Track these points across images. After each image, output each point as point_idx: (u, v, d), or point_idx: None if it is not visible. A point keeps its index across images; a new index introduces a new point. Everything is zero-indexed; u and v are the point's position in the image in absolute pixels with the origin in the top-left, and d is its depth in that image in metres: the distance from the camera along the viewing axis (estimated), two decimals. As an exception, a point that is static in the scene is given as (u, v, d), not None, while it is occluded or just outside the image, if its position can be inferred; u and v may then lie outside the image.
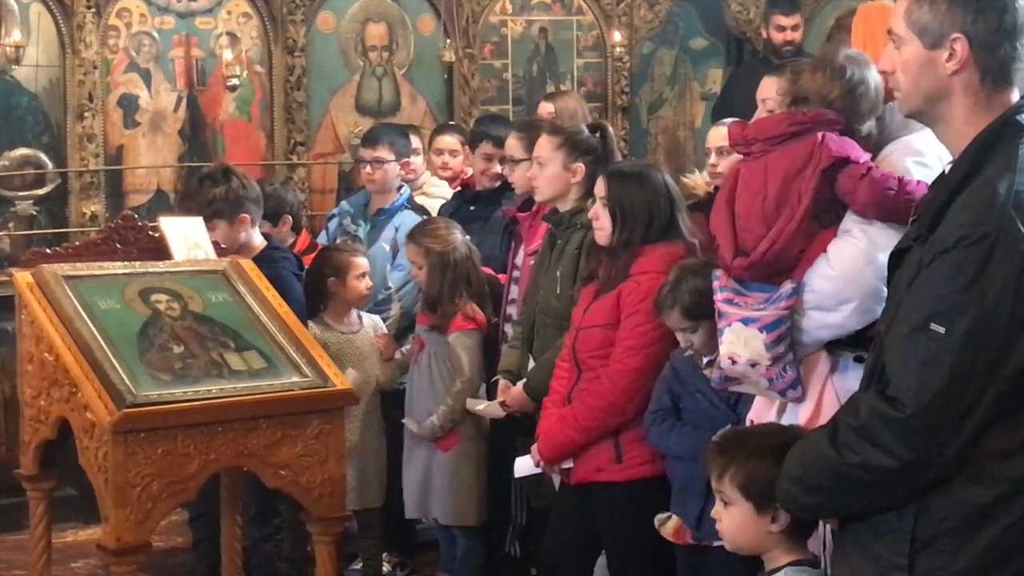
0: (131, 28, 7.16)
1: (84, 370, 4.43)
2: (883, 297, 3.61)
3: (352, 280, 5.90)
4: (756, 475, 3.27)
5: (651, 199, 4.66)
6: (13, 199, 6.90)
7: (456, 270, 5.70)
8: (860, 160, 3.80)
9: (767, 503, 3.27)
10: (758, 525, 3.31)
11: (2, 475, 6.46)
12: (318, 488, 4.62)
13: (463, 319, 5.70)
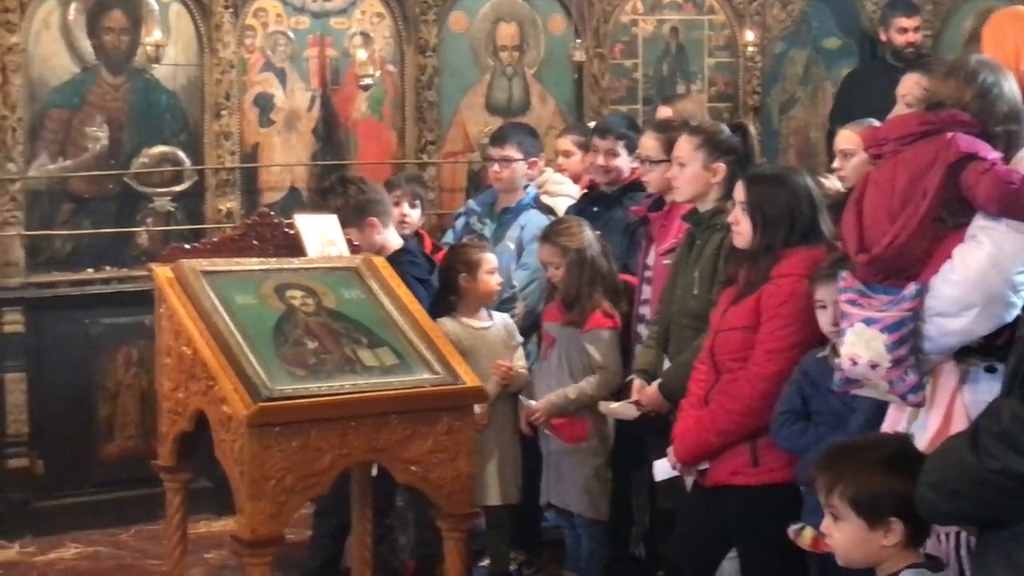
0: (267, 28, 7.25)
1: (221, 364, 4.51)
2: (1010, 302, 3.58)
3: (483, 276, 5.95)
4: (866, 489, 3.24)
5: (793, 203, 4.62)
6: (152, 196, 7.03)
7: (593, 267, 5.73)
8: (988, 157, 3.76)
9: (879, 517, 3.24)
10: (871, 540, 3.27)
11: (138, 466, 6.63)
12: (448, 484, 4.66)
13: (602, 316, 5.72)
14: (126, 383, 6.99)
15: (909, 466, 3.19)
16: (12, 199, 6.69)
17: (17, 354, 6.71)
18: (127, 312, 6.90)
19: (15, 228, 6.69)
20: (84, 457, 6.88)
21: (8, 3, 6.59)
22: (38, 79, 6.76)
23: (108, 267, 6.97)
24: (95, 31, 6.87)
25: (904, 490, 3.17)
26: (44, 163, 6.82)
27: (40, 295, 6.78)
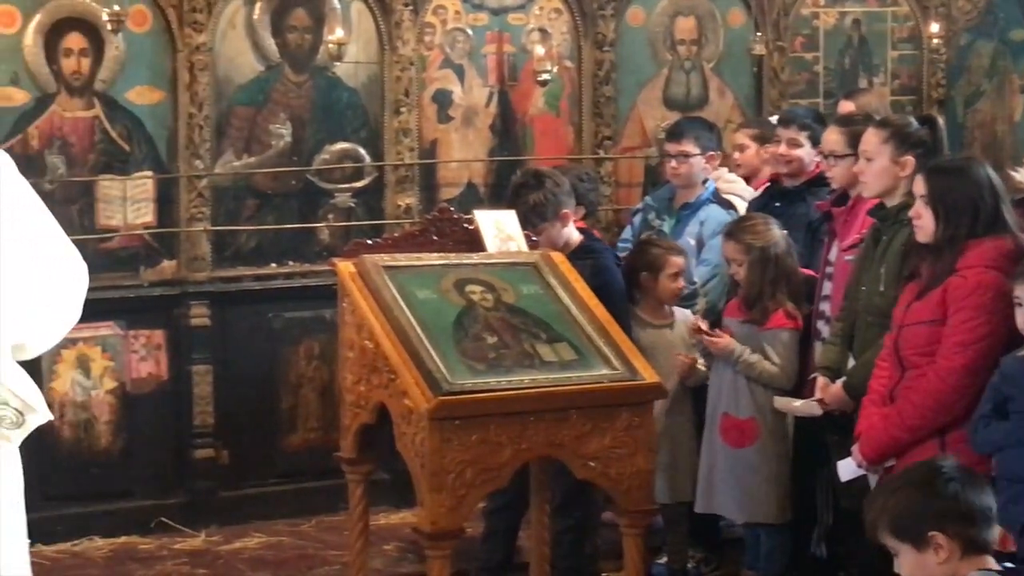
0: (446, 25, 7.31)
1: (403, 358, 4.56)
2: None
3: (665, 278, 5.92)
4: (900, 512, 3.30)
5: (975, 193, 4.53)
6: (333, 191, 7.14)
7: (777, 266, 5.66)
8: None
9: (921, 537, 3.27)
10: (925, 562, 3.29)
11: (319, 458, 6.74)
12: (627, 480, 4.65)
13: (784, 316, 5.65)
14: (308, 376, 7.11)
15: (938, 482, 3.30)
16: (199, 195, 6.84)
17: (203, 347, 6.87)
18: (309, 306, 7.03)
19: (202, 224, 6.85)
20: (267, 448, 7.01)
21: (195, 3, 6.74)
22: (224, 78, 6.91)
23: (291, 262, 7.09)
24: (279, 30, 6.99)
25: (937, 505, 3.27)
26: (229, 160, 6.97)
27: (225, 289, 6.94)
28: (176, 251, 6.86)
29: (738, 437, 5.69)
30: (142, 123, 6.79)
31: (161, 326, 6.85)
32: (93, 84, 6.69)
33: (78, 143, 6.69)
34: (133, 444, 6.77)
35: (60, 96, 6.64)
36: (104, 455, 6.74)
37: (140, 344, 6.81)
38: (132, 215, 6.79)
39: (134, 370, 6.80)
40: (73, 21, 6.62)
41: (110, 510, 6.66)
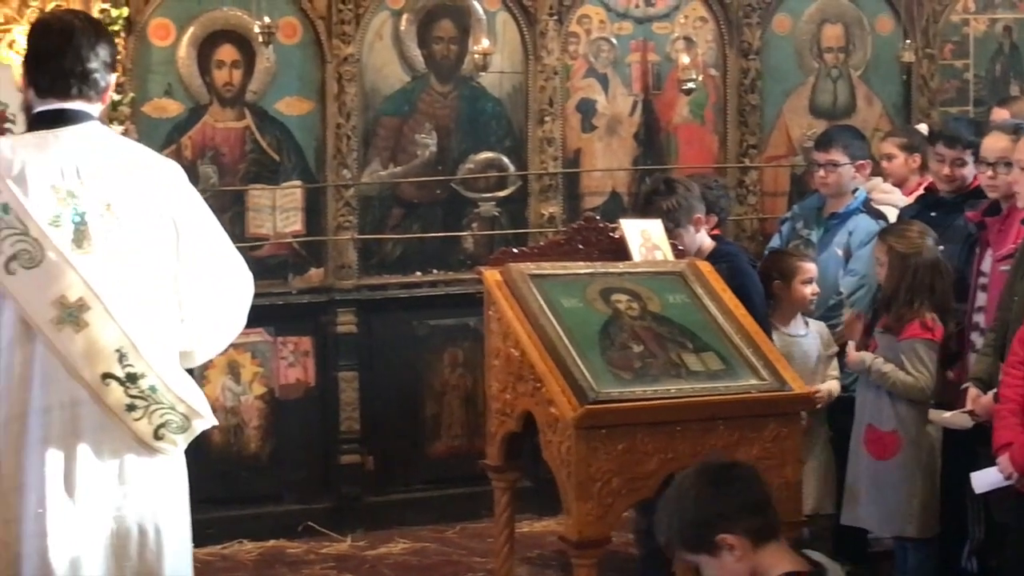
0: (590, 34, 7.32)
1: (549, 366, 4.58)
2: None
3: (797, 285, 5.89)
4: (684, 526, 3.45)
5: None
6: (477, 200, 7.19)
7: (916, 275, 5.57)
8: None
9: (712, 543, 3.40)
10: (725, 564, 3.42)
11: (463, 465, 6.78)
12: (775, 492, 4.55)
13: (920, 327, 5.57)
14: (452, 383, 7.17)
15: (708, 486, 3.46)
16: (346, 204, 6.93)
17: (350, 353, 6.96)
18: (453, 314, 7.09)
19: (349, 232, 6.94)
20: (412, 454, 7.08)
21: (344, 15, 6.84)
22: (371, 88, 7.00)
23: (435, 270, 7.15)
24: (425, 41, 7.06)
25: (715, 508, 3.43)
26: (376, 169, 7.05)
27: (372, 297, 7.02)
28: (324, 259, 6.96)
29: (881, 449, 5.62)
30: (291, 133, 6.90)
31: (309, 333, 6.96)
32: (244, 95, 6.81)
33: (229, 153, 6.82)
34: (281, 449, 6.88)
35: (212, 107, 6.78)
36: (253, 460, 6.86)
37: (288, 350, 6.92)
38: (281, 224, 6.91)
39: (282, 376, 6.91)
40: (225, 33, 6.76)
41: (259, 514, 6.77)
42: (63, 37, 3.73)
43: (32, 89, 3.77)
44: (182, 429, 3.76)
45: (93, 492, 3.70)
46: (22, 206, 3.61)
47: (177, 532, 3.86)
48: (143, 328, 3.69)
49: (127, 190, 3.74)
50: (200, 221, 3.90)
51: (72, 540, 3.67)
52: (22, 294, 3.61)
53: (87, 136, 3.75)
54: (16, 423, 3.65)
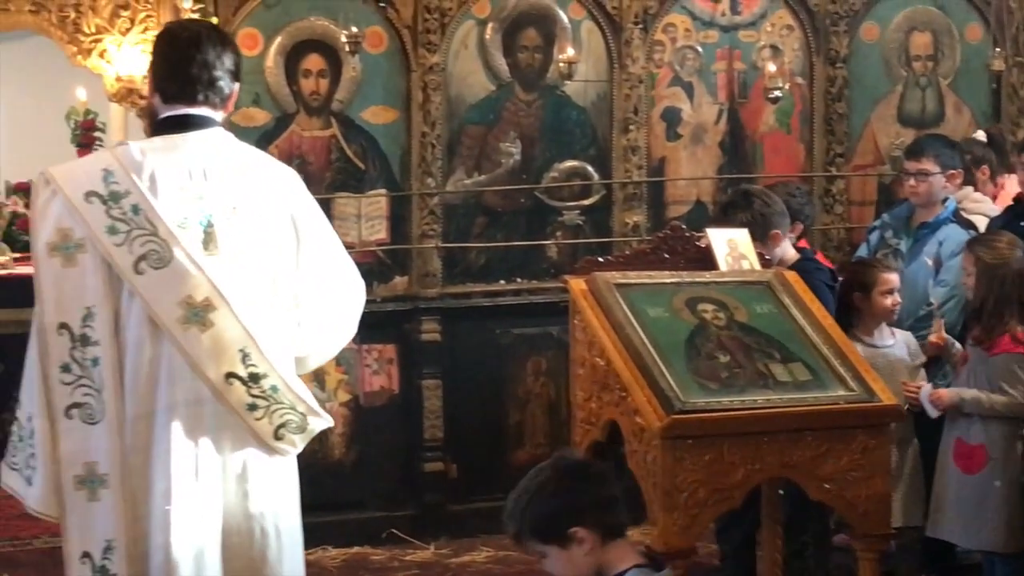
0: (676, 43, 7.29)
1: (634, 375, 4.56)
2: None
3: (877, 295, 5.85)
4: (538, 516, 3.56)
5: None
6: (561, 209, 7.18)
7: (1004, 286, 5.50)
8: None
9: (563, 534, 3.50)
10: (573, 557, 3.52)
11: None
12: (863, 504, 4.57)
13: (1011, 341, 5.49)
14: (535, 392, 7.17)
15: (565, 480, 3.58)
16: (431, 212, 6.96)
17: (434, 361, 6.98)
18: (536, 323, 7.10)
19: (433, 240, 6.96)
20: (495, 463, 7.07)
21: (429, 25, 6.87)
22: (456, 97, 7.02)
23: (519, 279, 7.16)
24: (510, 49, 7.07)
25: (571, 501, 3.54)
26: (460, 178, 7.07)
27: (455, 305, 7.04)
28: (408, 267, 6.99)
29: (968, 463, 5.56)
30: (377, 142, 6.94)
31: (393, 341, 6.99)
32: (330, 104, 6.86)
33: (316, 161, 6.86)
34: (365, 456, 6.91)
35: (299, 116, 6.83)
36: (337, 466, 6.89)
37: (373, 358, 6.95)
38: (366, 232, 6.94)
39: (367, 383, 6.94)
40: (312, 43, 6.81)
41: (343, 520, 6.79)
42: (191, 45, 3.81)
43: (158, 95, 3.85)
44: (301, 429, 3.82)
45: (216, 491, 3.75)
46: (152, 207, 3.68)
47: (294, 533, 3.93)
48: (265, 329, 3.75)
49: (251, 194, 3.80)
50: (319, 227, 3.96)
51: (196, 537, 3.73)
52: (150, 293, 3.67)
53: (213, 141, 3.82)
54: (143, 421, 3.71)
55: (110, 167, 3.74)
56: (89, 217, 3.70)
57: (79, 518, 3.77)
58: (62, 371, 3.73)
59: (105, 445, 3.73)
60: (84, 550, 3.78)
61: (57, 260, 3.74)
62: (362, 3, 6.80)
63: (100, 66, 6.54)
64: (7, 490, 3.88)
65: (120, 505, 3.73)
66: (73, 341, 3.72)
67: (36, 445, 3.77)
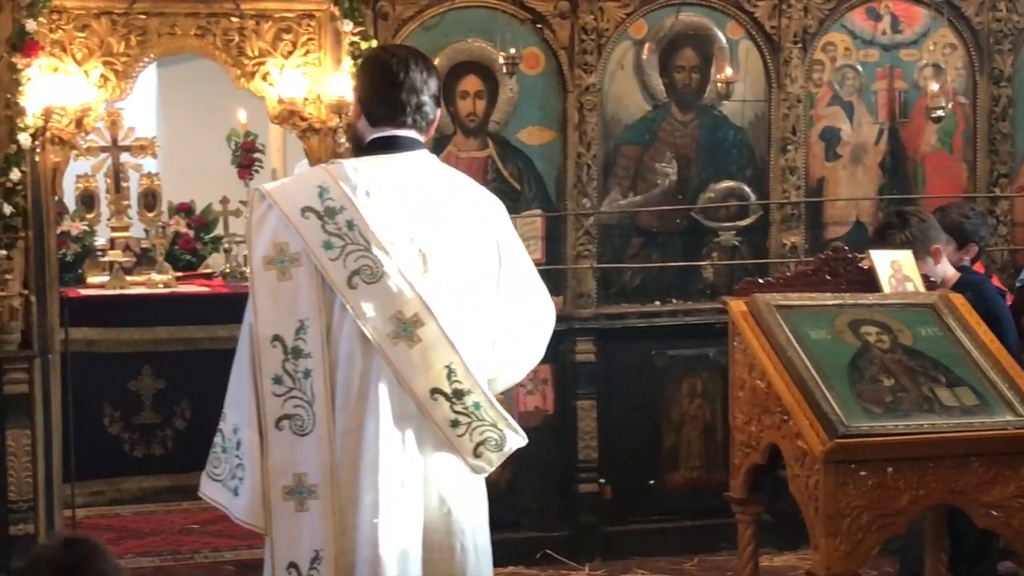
0: (835, 62, 7.21)
1: (796, 399, 4.50)
2: None
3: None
4: None
5: None
6: (717, 229, 7.14)
7: None
8: None
9: None
10: None
11: (701, 497, 6.75)
12: (1030, 532, 4.45)
13: None
14: (690, 414, 7.13)
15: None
16: (586, 233, 6.96)
17: (588, 382, 6.98)
18: (692, 344, 7.07)
19: (588, 261, 6.96)
20: (650, 485, 7.05)
21: (586, 46, 6.88)
22: (612, 117, 7.02)
23: (674, 299, 7.13)
24: (667, 69, 7.06)
25: None
26: (615, 198, 7.06)
27: (610, 326, 7.03)
28: (563, 288, 6.99)
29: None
30: (532, 163, 6.97)
31: (548, 361, 6.90)
32: (487, 125, 6.91)
33: (472, 182, 6.90)
34: (520, 476, 6.92)
35: (456, 137, 6.88)
36: (492, 486, 6.71)
37: (528, 378, 6.89)
38: (521, 252, 6.95)
39: (522, 403, 6.96)
40: (470, 64, 6.86)
41: (498, 540, 6.69)
42: (400, 70, 3.88)
43: (365, 118, 3.91)
44: (499, 447, 3.86)
45: (419, 505, 3.80)
46: (366, 224, 3.75)
47: (487, 550, 3.97)
48: (469, 347, 3.79)
49: (459, 214, 3.87)
50: (517, 250, 4.01)
51: (401, 551, 3.77)
52: (362, 308, 3.73)
53: (421, 163, 3.89)
54: (352, 434, 3.77)
55: (325, 184, 3.82)
56: (305, 232, 3.77)
57: (286, 528, 3.82)
58: (274, 383, 3.79)
59: (314, 456, 3.78)
60: (291, 560, 3.83)
61: (272, 273, 3.81)
62: (519, 24, 6.84)
63: (263, 88, 6.65)
64: (208, 500, 3.95)
65: (328, 516, 3.79)
66: (286, 353, 3.79)
67: (244, 456, 3.83)
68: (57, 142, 6.41)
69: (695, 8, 7.03)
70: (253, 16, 6.60)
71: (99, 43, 6.45)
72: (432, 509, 3.82)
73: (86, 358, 7.79)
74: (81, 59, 6.44)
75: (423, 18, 6.77)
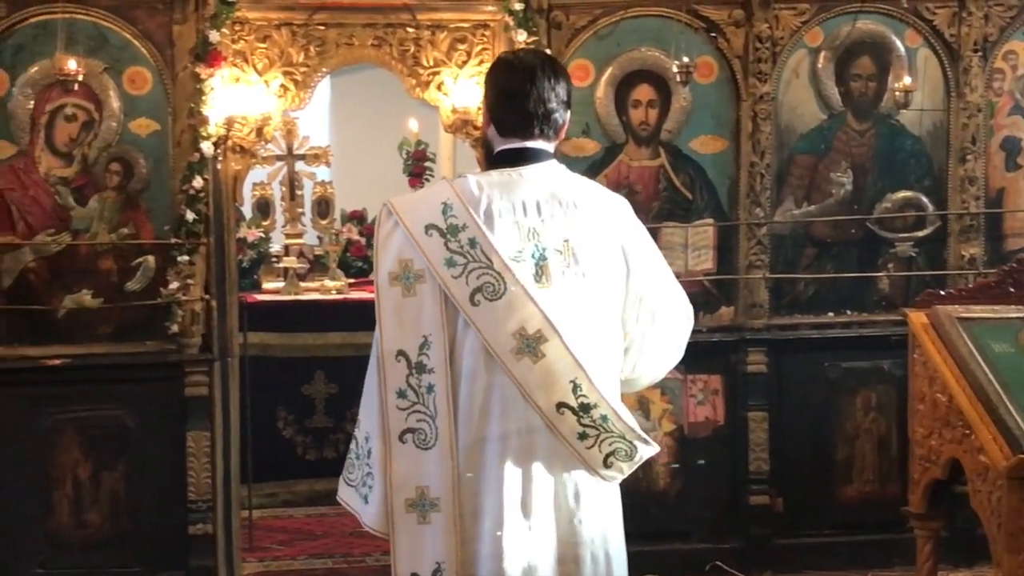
0: (1016, 71, 7.05)
1: (979, 413, 4.43)
2: None
3: None
4: None
5: None
6: (893, 240, 7.03)
7: None
8: None
9: None
10: None
11: (875, 511, 6.66)
12: None
13: None
14: (864, 427, 7.02)
15: None
16: (758, 243, 6.90)
17: (760, 393, 6.92)
18: (866, 356, 6.98)
19: (761, 271, 6.91)
20: (821, 498, 6.96)
21: (761, 54, 6.83)
22: (786, 126, 6.95)
23: (848, 311, 7.03)
24: (843, 78, 6.96)
25: None
26: (789, 208, 6.99)
27: (782, 337, 6.96)
28: (735, 298, 6.95)
29: None
30: (704, 172, 6.93)
31: (718, 371, 6.96)
32: (659, 134, 6.89)
33: (643, 191, 6.90)
34: (690, 487, 6.90)
35: (628, 146, 6.88)
36: (661, 496, 6.90)
37: (698, 388, 6.94)
38: (693, 262, 6.94)
39: (691, 414, 6.93)
40: (643, 73, 6.85)
41: (667, 551, 6.78)
42: (526, 79, 3.85)
43: (493, 127, 3.92)
44: (629, 457, 3.82)
45: (547, 518, 3.80)
46: (488, 241, 3.75)
47: (621, 558, 3.93)
48: (594, 359, 3.78)
49: (583, 226, 3.84)
50: (647, 254, 3.96)
51: (527, 564, 3.78)
52: (484, 325, 3.74)
53: (547, 174, 3.87)
54: (476, 448, 3.78)
55: (449, 200, 3.82)
56: (428, 250, 3.79)
57: (409, 539, 3.84)
58: (398, 397, 3.82)
59: (437, 470, 3.80)
60: (413, 571, 3.86)
61: (397, 290, 3.84)
62: (693, 33, 6.82)
63: (437, 98, 6.73)
64: (343, 504, 4.01)
65: (451, 529, 3.80)
66: (410, 368, 3.81)
67: (373, 465, 3.88)
68: (238, 150, 6.57)
69: (872, 16, 6.93)
70: (429, 26, 6.69)
71: (279, 53, 6.59)
72: (562, 521, 3.80)
73: (261, 362, 7.96)
74: (262, 69, 6.58)
75: (596, 27, 6.79)
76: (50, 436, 6.43)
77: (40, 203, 6.41)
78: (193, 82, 6.37)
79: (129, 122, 6.42)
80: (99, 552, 6.46)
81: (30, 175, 6.40)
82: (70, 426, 6.45)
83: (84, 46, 6.30)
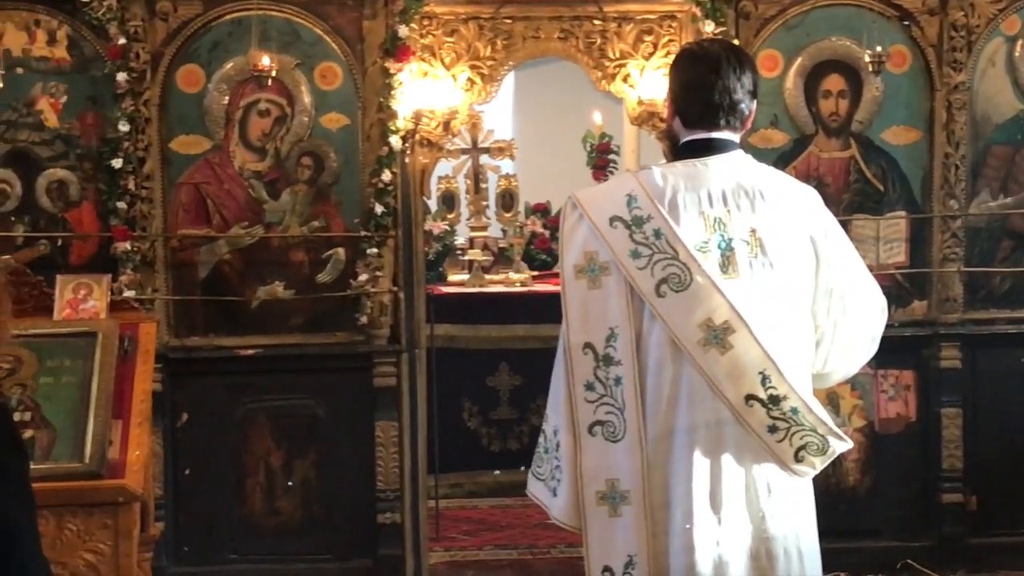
0: None
1: None
2: None
3: None
4: None
5: None
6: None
7: None
8: None
9: None
10: None
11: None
12: None
13: None
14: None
15: None
16: (953, 235, 6.75)
17: (953, 389, 6.77)
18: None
19: (955, 264, 6.75)
20: (1019, 496, 6.78)
21: (956, 43, 6.66)
22: (982, 116, 6.78)
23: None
24: (1041, 66, 6.78)
25: None
26: (984, 200, 6.82)
27: (977, 332, 6.80)
28: (928, 292, 6.81)
29: None
30: (897, 163, 6.80)
31: (911, 367, 6.82)
32: (850, 125, 6.77)
33: (833, 183, 6.79)
34: (880, 484, 6.78)
35: (817, 137, 6.78)
36: (851, 493, 6.79)
37: (889, 384, 6.81)
38: (884, 255, 6.80)
39: (883, 410, 6.81)
40: (833, 63, 6.74)
41: (856, 548, 6.64)
42: (711, 70, 3.82)
43: (678, 119, 3.89)
44: (821, 451, 3.76)
45: (738, 511, 3.76)
46: (673, 232, 3.74)
47: (814, 555, 3.88)
48: (783, 351, 3.73)
49: (770, 216, 3.80)
50: (837, 245, 3.89)
51: (717, 557, 3.75)
52: (671, 316, 3.73)
53: (733, 165, 3.83)
54: (664, 441, 3.77)
55: (633, 192, 3.81)
56: (613, 242, 3.78)
57: (600, 532, 3.84)
58: (586, 389, 3.82)
59: (627, 463, 3.78)
60: (605, 564, 3.85)
61: (583, 282, 3.83)
62: (886, 21, 6.68)
63: (623, 90, 6.71)
64: (532, 498, 4.02)
65: (642, 522, 3.79)
66: (597, 360, 3.81)
67: (561, 458, 3.88)
68: (425, 144, 6.64)
69: (1074, 1, 6.73)
70: (615, 18, 6.67)
71: (466, 47, 6.64)
72: (753, 515, 3.76)
73: (447, 354, 8.03)
74: (449, 63, 6.64)
75: (786, 17, 6.69)
76: (243, 425, 6.58)
77: (235, 196, 6.55)
78: (382, 77, 6.45)
79: (320, 117, 6.53)
80: (290, 539, 6.59)
81: (225, 169, 6.54)
82: (262, 415, 6.58)
83: (277, 42, 6.42)
